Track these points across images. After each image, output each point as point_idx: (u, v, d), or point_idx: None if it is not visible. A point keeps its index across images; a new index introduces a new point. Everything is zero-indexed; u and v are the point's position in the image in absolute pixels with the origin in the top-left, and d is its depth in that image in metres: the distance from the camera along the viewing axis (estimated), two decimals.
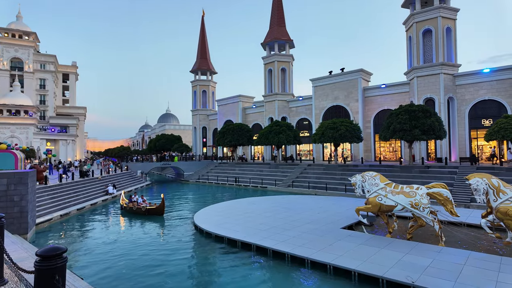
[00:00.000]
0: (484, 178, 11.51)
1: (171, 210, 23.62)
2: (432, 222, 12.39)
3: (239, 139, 45.94)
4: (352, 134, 34.64)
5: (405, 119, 29.19)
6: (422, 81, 35.94)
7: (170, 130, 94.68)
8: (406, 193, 13.01)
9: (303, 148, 50.53)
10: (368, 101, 42.67)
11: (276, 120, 44.96)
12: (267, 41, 52.93)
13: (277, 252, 12.26)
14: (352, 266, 10.16)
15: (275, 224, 16.20)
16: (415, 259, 10.58)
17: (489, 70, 33.41)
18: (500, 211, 10.97)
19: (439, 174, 28.18)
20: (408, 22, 38.57)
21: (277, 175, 38.33)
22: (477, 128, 34.20)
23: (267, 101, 53.00)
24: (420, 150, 35.80)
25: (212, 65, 69.14)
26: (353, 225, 16.19)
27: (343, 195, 28.06)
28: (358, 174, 14.91)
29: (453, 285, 8.59)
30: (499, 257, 10.70)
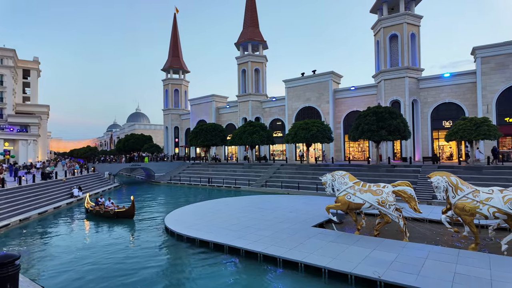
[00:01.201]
0: (444, 176, 12.21)
1: (142, 212, 22.91)
2: (397, 218, 12.97)
3: (213, 139, 45.54)
4: (323, 134, 35.49)
5: (372, 120, 30.37)
6: (389, 84, 37.57)
7: (140, 130, 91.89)
8: (373, 191, 13.51)
9: (277, 148, 51.03)
10: (338, 103, 43.92)
11: (249, 121, 45.06)
12: (241, 42, 52.93)
13: (250, 252, 12.27)
14: (322, 263, 10.39)
15: (248, 224, 16.21)
16: (382, 255, 11.02)
17: (449, 74, 35.61)
18: (457, 207, 11.71)
19: (404, 172, 29.61)
20: (376, 27, 40.16)
21: (250, 175, 38.40)
22: (439, 129, 36.33)
23: (241, 101, 52.99)
24: (387, 150, 37.41)
25: (185, 64, 67.98)
26: (323, 223, 16.58)
27: (314, 194, 28.67)
28: (329, 173, 15.28)
29: (415, 278, 9.03)
30: (457, 250, 11.42)
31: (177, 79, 66.61)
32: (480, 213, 11.28)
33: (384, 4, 38.49)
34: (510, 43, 31.62)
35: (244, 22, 54.83)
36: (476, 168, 26.89)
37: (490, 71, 32.41)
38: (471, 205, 11.39)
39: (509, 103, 31.75)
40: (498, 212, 11.03)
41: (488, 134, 26.11)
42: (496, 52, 32.28)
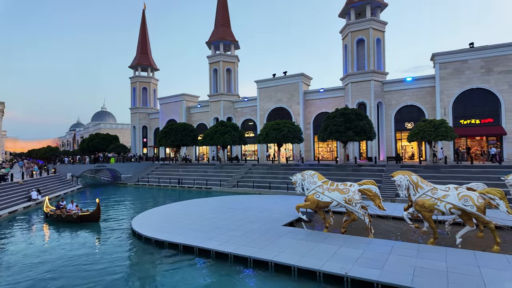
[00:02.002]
0: (406, 175, 12.89)
1: (108, 215, 21.95)
2: (363, 216, 13.50)
3: (183, 139, 44.69)
4: (294, 135, 36.11)
5: (340, 121, 31.38)
6: (356, 86, 39.01)
7: (106, 129, 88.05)
8: (340, 190, 13.96)
9: (249, 148, 51.14)
10: (308, 104, 44.89)
11: (221, 120, 44.78)
12: (212, 40, 52.44)
13: (220, 253, 12.18)
14: (291, 262, 10.56)
15: (219, 225, 16.09)
16: (349, 251, 11.41)
17: (411, 79, 37.66)
18: (418, 204, 12.42)
19: (370, 172, 30.90)
20: (344, 31, 41.53)
21: (222, 176, 38.15)
22: (401, 130, 38.30)
23: (213, 101, 52.50)
24: (354, 150, 38.82)
25: (154, 62, 66.12)
26: (293, 222, 16.85)
27: (285, 193, 29.09)
28: (299, 173, 15.56)
29: (380, 272, 9.45)
30: (418, 245, 12.11)
31: (146, 77, 64.62)
32: (438, 209, 12.04)
33: (352, 9, 39.91)
34: (465, 51, 34.07)
35: (216, 21, 54.40)
36: (435, 167, 28.68)
37: (448, 76, 34.71)
38: (430, 202, 12.12)
39: (463, 107, 34.19)
40: (453, 208, 11.83)
41: (445, 135, 27.95)
42: (453, 58, 34.64)
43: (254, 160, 47.09)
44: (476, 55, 33.55)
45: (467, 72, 33.85)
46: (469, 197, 11.62)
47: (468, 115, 34.15)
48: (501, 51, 32.62)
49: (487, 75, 33.06)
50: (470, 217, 11.87)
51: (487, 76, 33.08)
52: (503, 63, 32.51)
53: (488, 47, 33.07)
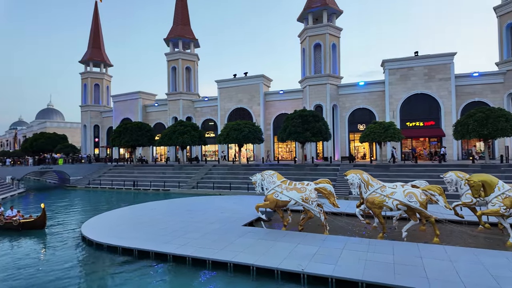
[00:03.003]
0: (357, 174, 13.64)
1: (55, 222, 20.28)
2: (319, 213, 14.03)
3: (139, 139, 42.83)
4: (254, 135, 36.42)
5: (298, 122, 32.33)
6: (313, 89, 40.44)
7: (53, 128, 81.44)
8: (298, 189, 14.37)
9: (209, 148, 50.52)
10: (268, 105, 45.58)
11: (180, 120, 43.67)
12: (170, 37, 50.98)
13: (178, 257, 11.87)
14: (250, 261, 10.63)
15: (177, 228, 15.67)
16: (305, 248, 11.78)
17: (364, 83, 39.96)
18: (368, 201, 13.22)
19: (326, 171, 32.23)
20: (302, 36, 42.82)
21: (181, 177, 37.22)
22: (354, 132, 40.47)
23: (171, 99, 51.01)
24: (311, 150, 40.21)
25: (107, 57, 62.54)
26: (253, 221, 16.98)
27: (246, 193, 29.22)
28: (258, 173, 15.73)
29: (334, 267, 9.89)
30: (368, 240, 12.88)
31: (98, 73, 60.89)
32: (386, 205, 12.92)
33: (310, 15, 41.30)
34: (410, 58, 37.00)
35: (175, 18, 52.96)
36: (384, 166, 30.73)
37: (396, 81, 37.42)
38: (379, 199, 12.96)
39: (409, 110, 37.11)
40: (400, 204, 12.77)
41: (393, 136, 30.09)
42: (401, 65, 37.42)
43: (215, 160, 46.66)
44: (420, 63, 36.61)
45: (413, 78, 36.79)
46: (413, 194, 12.63)
47: (413, 118, 37.13)
48: (441, 60, 35.96)
49: (430, 81, 36.22)
50: (414, 212, 12.91)
51: (429, 83, 36.23)
52: (442, 71, 35.86)
53: (430, 56, 36.25)
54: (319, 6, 40.24)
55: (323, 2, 40.18)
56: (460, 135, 28.66)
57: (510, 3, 34.57)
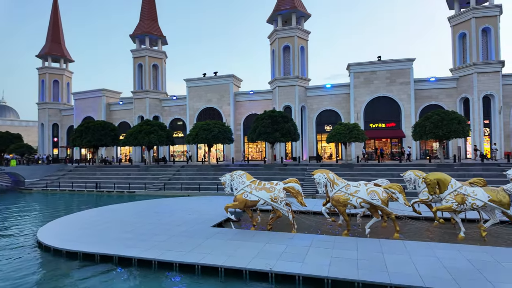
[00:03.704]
0: (324, 173, 14.04)
1: (7, 228, 18.73)
2: (287, 212, 14.24)
3: (102, 139, 40.89)
4: (224, 135, 36.22)
5: (268, 123, 32.66)
6: (282, 90, 41.05)
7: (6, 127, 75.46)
8: (267, 189, 14.48)
9: (177, 149, 49.44)
10: (238, 105, 45.56)
11: (147, 119, 42.33)
12: (137, 34, 49.25)
13: (143, 260, 11.47)
14: (218, 263, 10.54)
15: (143, 231, 15.13)
16: (273, 247, 11.90)
17: (330, 86, 41.25)
18: (334, 199, 13.65)
19: (294, 171, 32.83)
20: (272, 37, 43.31)
21: (147, 178, 36.04)
22: (321, 133, 41.67)
23: (137, 98, 49.27)
24: (280, 150, 40.78)
25: (68, 52, 59.06)
26: (222, 222, 16.86)
27: (215, 194, 28.95)
28: (228, 173, 15.64)
29: (301, 265, 10.08)
30: (334, 237, 13.29)
31: (58, 68, 57.32)
32: (351, 203, 13.41)
33: (279, 17, 41.89)
34: (374, 63, 38.76)
35: (141, 14, 51.25)
36: (349, 166, 31.92)
37: (360, 84, 39.03)
38: (344, 197, 13.43)
39: (372, 112, 38.89)
40: (363, 202, 13.32)
41: (357, 137, 31.38)
42: (365, 69, 39.09)
43: (183, 161, 45.75)
44: (382, 67, 38.50)
45: (376, 82, 38.59)
46: (376, 192, 13.24)
47: (376, 120, 38.97)
48: (402, 65, 38.08)
49: (391, 85, 38.21)
50: (377, 209, 13.53)
51: (391, 86, 38.21)
52: (403, 76, 37.98)
53: (392, 61, 38.24)
54: (288, 8, 40.93)
55: (292, 5, 40.93)
56: (418, 136, 30.54)
57: (461, 15, 37.44)
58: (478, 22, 35.94)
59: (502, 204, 12.33)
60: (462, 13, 37.22)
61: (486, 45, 36.50)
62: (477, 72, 35.59)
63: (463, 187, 12.83)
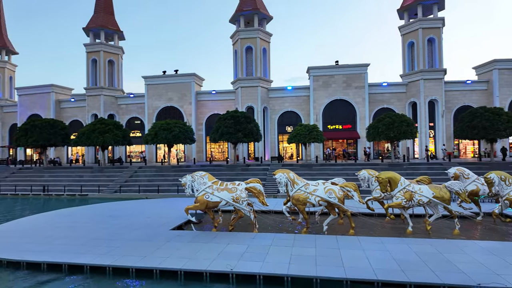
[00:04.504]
0: (285, 173, 14.34)
1: None
2: (249, 212, 14.30)
3: (50, 138, 37.86)
4: (185, 135, 35.42)
5: (231, 123, 32.57)
6: (245, 91, 41.20)
7: None
8: (229, 189, 14.42)
9: (135, 149, 47.37)
10: (200, 105, 44.85)
11: (101, 118, 40.00)
12: (91, 27, 46.35)
13: (96, 267, 10.81)
14: (178, 266, 10.27)
15: (96, 236, 14.26)
16: (235, 248, 11.88)
17: (291, 88, 42.23)
18: (294, 198, 13.99)
19: (256, 171, 33.10)
20: (234, 37, 43.27)
21: (101, 180, 34.05)
22: (283, 133, 42.52)
23: (91, 95, 46.34)
24: (243, 151, 40.88)
25: (11, 43, 53.87)
26: (182, 224, 16.46)
27: (175, 196, 28.18)
28: (189, 174, 15.29)
29: (261, 264, 10.18)
30: (294, 235, 13.62)
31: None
32: (310, 202, 13.84)
33: (241, 17, 42.00)
34: (331, 67, 40.42)
35: (96, 6, 48.34)
36: (308, 165, 32.94)
37: (319, 87, 40.47)
38: (303, 196, 13.82)
39: (330, 114, 40.54)
40: (321, 200, 13.81)
41: (316, 138, 32.50)
42: (323, 73, 40.59)
43: (141, 162, 43.94)
44: (339, 71, 40.29)
45: (333, 85, 40.28)
46: (333, 190, 13.80)
47: (334, 121, 40.68)
48: (357, 70, 40.15)
49: (347, 89, 40.12)
50: (334, 207, 14.10)
51: (347, 90, 40.12)
52: (358, 80, 40.05)
53: (348, 66, 40.17)
54: (250, 10, 41.20)
55: (254, 6, 41.26)
56: (372, 137, 32.43)
57: (410, 25, 40.46)
58: (424, 33, 39.12)
59: (444, 200, 13.52)
60: (411, 23, 40.26)
61: (431, 54, 39.84)
62: (424, 78, 38.72)
63: (411, 185, 13.86)
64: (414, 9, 40.47)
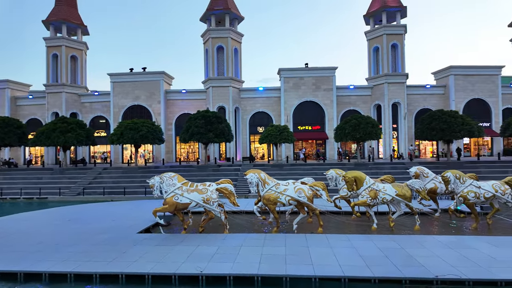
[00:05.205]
0: (256, 173, 14.40)
1: None
2: (219, 213, 14.19)
3: (5, 138, 35.19)
4: (154, 135, 34.42)
5: (202, 123, 32.16)
6: (216, 91, 40.89)
7: None
8: (199, 190, 14.21)
9: (99, 149, 45.27)
10: (170, 104, 43.84)
11: (62, 116, 37.83)
12: (52, 20, 43.67)
13: (56, 275, 10.17)
14: (145, 270, 9.94)
15: (56, 241, 13.42)
16: (205, 249, 11.72)
17: (263, 88, 42.56)
18: (265, 198, 14.10)
19: (228, 171, 32.96)
20: (205, 36, 42.80)
21: (63, 183, 32.18)
22: (254, 134, 42.70)
23: (51, 92, 43.64)
24: (214, 151, 40.53)
25: None
26: (150, 227, 15.97)
27: (143, 198, 27.29)
28: (157, 175, 14.87)
29: (232, 265, 10.14)
30: (264, 235, 13.72)
31: None
32: (280, 201, 14.01)
33: (212, 16, 41.64)
34: (301, 69, 41.26)
35: None
36: (279, 165, 33.36)
37: (290, 89, 41.14)
38: (274, 196, 13.96)
39: (300, 115, 41.38)
40: (291, 199, 14.03)
41: (287, 138, 32.99)
42: (294, 74, 41.33)
43: (107, 163, 42.10)
44: (309, 73, 41.23)
45: (303, 87, 41.13)
46: (302, 190, 14.07)
47: (304, 123, 41.56)
48: (326, 73, 41.31)
49: (317, 91, 41.16)
50: (303, 206, 14.38)
51: (316, 92, 41.15)
52: (327, 83, 41.23)
53: (317, 68, 41.22)
54: (222, 9, 40.98)
55: (225, 5, 41.07)
56: (339, 138, 33.51)
57: (375, 30, 42.33)
58: (388, 38, 41.10)
59: (406, 197, 14.28)
60: (376, 29, 42.14)
61: (394, 58, 41.95)
62: (387, 82, 40.67)
63: (376, 184, 14.49)
64: (379, 15, 42.39)
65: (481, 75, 41.86)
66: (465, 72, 41.82)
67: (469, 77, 41.70)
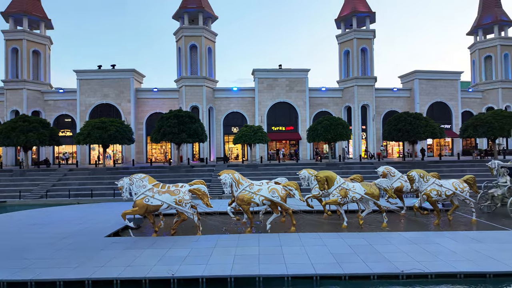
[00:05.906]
0: (230, 173, 14.32)
1: None
2: (192, 215, 13.96)
3: None
4: (123, 135, 33.22)
5: (174, 123, 31.50)
6: (189, 90, 40.25)
7: None
8: (171, 192, 13.89)
9: (64, 149, 42.98)
10: (140, 103, 42.57)
11: (23, 114, 35.48)
12: (11, 12, 40.91)
13: (14, 283, 9.51)
14: (113, 275, 9.55)
15: (15, 247, 12.55)
16: (177, 252, 11.48)
17: (237, 89, 42.47)
18: (239, 198, 14.07)
19: (202, 172, 32.55)
20: (178, 34, 42.00)
21: (23, 185, 30.20)
22: (229, 134, 42.51)
23: (10, 88, 40.83)
24: (187, 151, 39.87)
25: None
26: (119, 231, 15.40)
27: (111, 200, 26.27)
28: (126, 177, 14.35)
29: (204, 267, 10.00)
30: (238, 235, 13.68)
31: None
32: (254, 201, 14.04)
33: (186, 14, 40.97)
34: (275, 70, 41.68)
35: None
36: (253, 166, 33.45)
37: (264, 90, 41.38)
38: (248, 196, 13.96)
39: (274, 116, 41.78)
40: (265, 199, 14.11)
41: (261, 139, 33.16)
42: (268, 75, 41.64)
43: (72, 164, 40.06)
44: (283, 75, 41.73)
45: (277, 88, 41.56)
46: (276, 190, 14.19)
47: (278, 123, 41.99)
48: (299, 74, 42.02)
49: (290, 92, 41.74)
50: (276, 206, 14.51)
51: (290, 93, 41.72)
52: (300, 84, 41.93)
53: (290, 70, 41.81)
54: (195, 7, 40.43)
55: (199, 4, 40.57)
56: (311, 138, 34.20)
57: (346, 34, 43.66)
58: (358, 43, 42.55)
59: (374, 196, 14.85)
60: (347, 33, 43.47)
61: (364, 62, 43.51)
62: (357, 85, 42.10)
63: (346, 183, 14.94)
64: (350, 20, 43.78)
65: (442, 79, 44.51)
66: (428, 76, 44.25)
67: (432, 81, 44.20)
